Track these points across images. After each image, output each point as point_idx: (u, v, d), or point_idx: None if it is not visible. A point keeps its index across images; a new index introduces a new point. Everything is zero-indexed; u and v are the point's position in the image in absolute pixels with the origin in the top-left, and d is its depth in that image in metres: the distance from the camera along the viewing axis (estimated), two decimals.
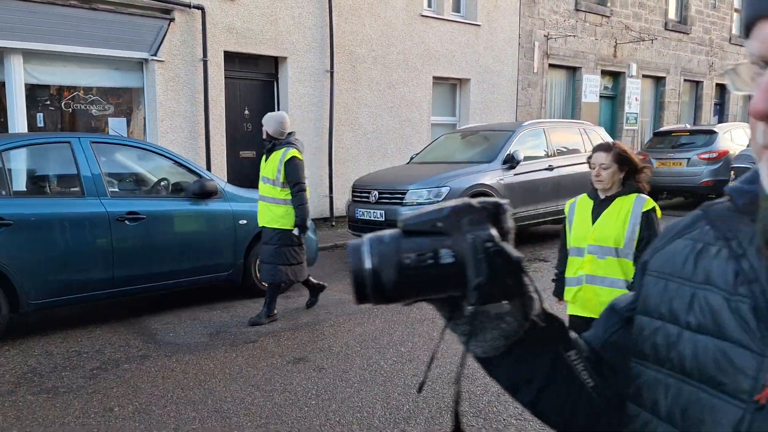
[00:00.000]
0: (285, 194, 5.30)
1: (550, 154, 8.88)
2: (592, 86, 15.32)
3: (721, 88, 20.21)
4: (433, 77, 11.80)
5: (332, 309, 5.80)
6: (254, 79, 9.70)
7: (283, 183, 5.32)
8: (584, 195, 3.11)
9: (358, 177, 8.98)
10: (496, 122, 12.36)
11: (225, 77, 9.05)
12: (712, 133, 12.50)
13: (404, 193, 7.64)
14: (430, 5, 11.87)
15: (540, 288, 0.71)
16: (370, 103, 10.80)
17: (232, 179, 9.27)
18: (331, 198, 10.33)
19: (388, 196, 7.81)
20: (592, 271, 2.94)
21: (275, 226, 5.30)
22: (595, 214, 2.98)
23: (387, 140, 11.14)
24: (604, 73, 15.76)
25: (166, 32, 8.29)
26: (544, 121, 9.50)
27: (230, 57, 9.15)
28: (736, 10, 20.18)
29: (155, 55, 8.31)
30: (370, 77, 10.72)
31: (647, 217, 2.87)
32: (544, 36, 13.86)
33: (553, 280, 3.32)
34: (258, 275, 6.10)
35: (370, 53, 10.68)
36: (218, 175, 8.80)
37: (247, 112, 9.61)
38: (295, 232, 5.31)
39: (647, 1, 16.51)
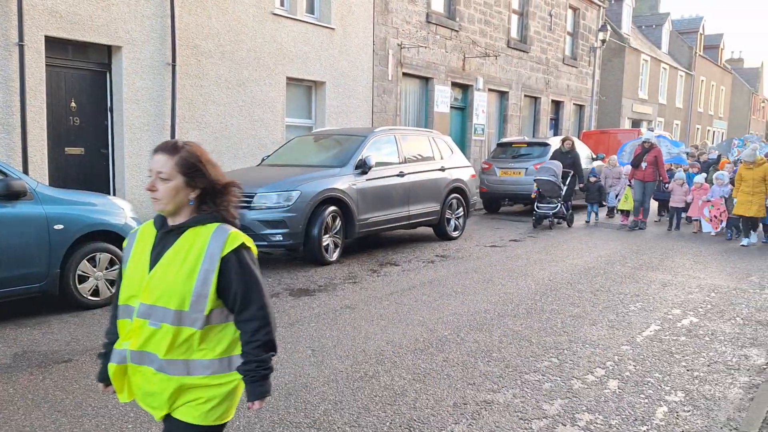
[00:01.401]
0: None
1: (400, 160, 8.98)
2: (443, 97, 15.93)
3: (556, 105, 22.04)
4: (287, 78, 11.52)
5: None
6: (83, 69, 8.77)
7: None
8: (149, 222, 2.02)
9: None
10: (349, 127, 12.37)
11: (47, 65, 8.08)
12: (546, 145, 13.50)
13: (252, 197, 7.30)
14: (282, 4, 11.58)
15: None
16: (218, 101, 10.27)
17: (56, 178, 8.34)
18: None
19: None
20: (142, 346, 1.88)
21: None
22: (156, 253, 1.92)
23: (238, 140, 10.67)
24: (454, 84, 16.46)
25: None
26: (395, 128, 9.61)
27: (54, 43, 8.19)
28: (568, 34, 22.14)
29: None
30: (217, 73, 10.19)
31: (231, 260, 1.86)
32: (398, 45, 14.16)
33: (100, 355, 2.08)
34: (77, 286, 5.48)
35: (218, 48, 10.16)
36: (38, 174, 7.87)
37: (74, 104, 8.66)
38: None
39: (492, 19, 17.53)
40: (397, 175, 8.75)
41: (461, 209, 10.10)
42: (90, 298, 5.60)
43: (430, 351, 4.63)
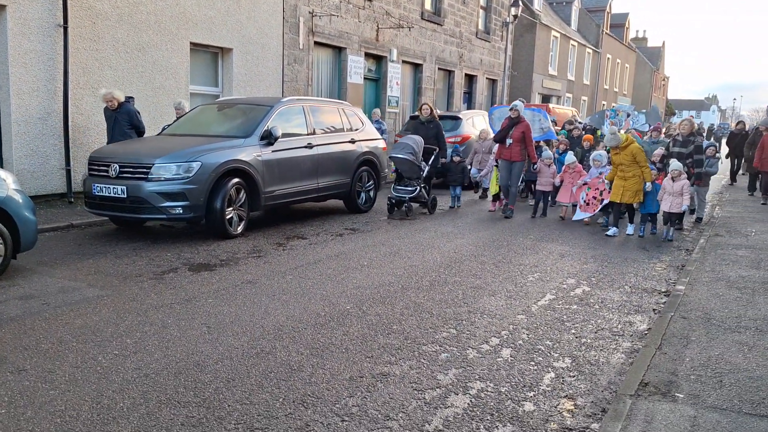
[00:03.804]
0: None
1: (309, 132, 8.81)
2: (356, 67, 15.75)
3: (470, 78, 22.38)
4: (191, 43, 10.99)
5: (51, 299, 5.00)
6: None
7: None
8: None
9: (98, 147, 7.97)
10: (255, 96, 12.01)
11: None
12: (457, 119, 13.66)
13: (149, 168, 6.94)
14: None
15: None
16: (116, 66, 9.64)
17: None
18: (68, 171, 9.06)
19: (131, 170, 7.03)
20: None
21: None
22: None
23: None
24: (368, 55, 16.31)
25: None
26: (304, 99, 9.40)
27: None
28: (482, 8, 22.42)
29: None
30: (115, 37, 9.55)
31: None
32: (309, 12, 13.81)
33: None
34: None
35: (114, 10, 9.50)
36: None
37: None
38: None
39: None
40: (306, 147, 8.60)
41: (372, 182, 10.08)
42: None
43: (330, 325, 4.60)
